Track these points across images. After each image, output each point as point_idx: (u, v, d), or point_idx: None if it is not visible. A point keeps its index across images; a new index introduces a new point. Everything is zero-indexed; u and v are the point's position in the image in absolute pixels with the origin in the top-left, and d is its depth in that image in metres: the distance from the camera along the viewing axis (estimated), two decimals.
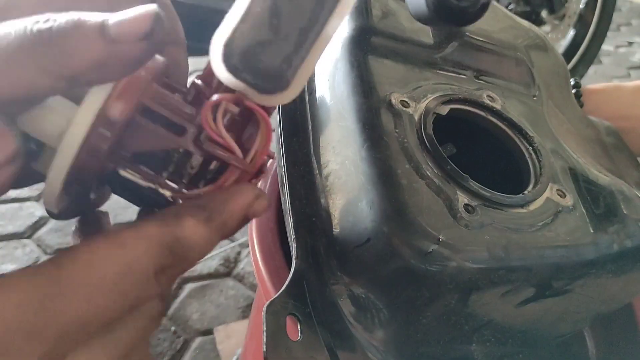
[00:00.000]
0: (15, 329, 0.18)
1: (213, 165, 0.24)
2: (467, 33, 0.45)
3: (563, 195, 0.37)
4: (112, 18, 0.20)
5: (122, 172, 0.23)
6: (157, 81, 0.23)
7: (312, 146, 0.37)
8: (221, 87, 0.22)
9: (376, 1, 0.42)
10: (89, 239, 0.20)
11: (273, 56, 0.21)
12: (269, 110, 0.23)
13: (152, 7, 0.20)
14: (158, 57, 0.23)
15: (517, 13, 1.75)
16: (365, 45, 0.40)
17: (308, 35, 0.21)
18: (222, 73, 0.21)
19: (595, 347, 0.44)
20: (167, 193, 0.24)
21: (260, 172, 0.24)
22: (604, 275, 0.36)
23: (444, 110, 0.38)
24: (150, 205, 0.25)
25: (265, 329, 0.28)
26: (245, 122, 0.24)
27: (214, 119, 0.22)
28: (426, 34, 0.44)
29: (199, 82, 0.24)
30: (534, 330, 0.39)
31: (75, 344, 0.19)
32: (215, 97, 0.22)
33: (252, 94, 0.22)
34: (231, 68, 0.21)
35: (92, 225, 0.26)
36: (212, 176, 0.24)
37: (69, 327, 0.19)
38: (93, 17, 0.20)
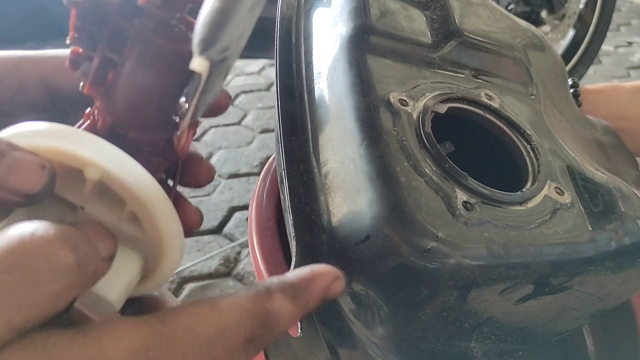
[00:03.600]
0: None
1: None
2: (465, 32, 0.45)
3: (561, 193, 0.37)
4: None
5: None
6: None
7: (311, 145, 0.37)
8: None
9: (374, 1, 0.43)
10: (188, 303, 0.22)
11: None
12: None
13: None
14: None
15: (517, 13, 1.75)
16: (363, 44, 0.40)
17: None
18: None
19: (594, 344, 0.45)
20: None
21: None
22: (602, 272, 0.36)
23: (442, 108, 0.38)
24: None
25: None
26: None
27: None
28: (424, 34, 0.44)
29: None
30: (533, 327, 0.39)
31: None
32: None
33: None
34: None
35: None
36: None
37: None
38: None
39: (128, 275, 0.23)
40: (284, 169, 0.36)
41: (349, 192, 0.34)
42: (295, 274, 0.25)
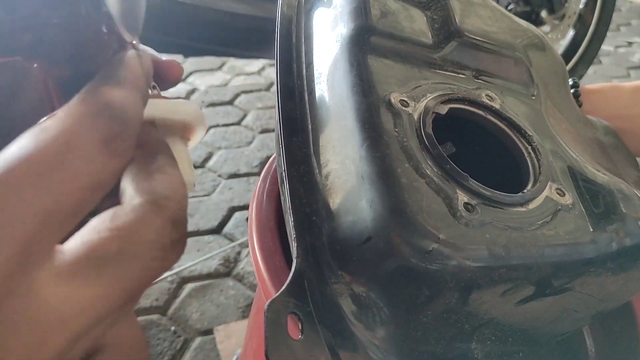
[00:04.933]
0: None
1: None
2: (466, 33, 0.45)
3: (562, 194, 0.37)
4: None
5: None
6: None
7: (312, 145, 0.37)
8: None
9: (375, 1, 0.42)
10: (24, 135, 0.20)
11: None
12: None
13: None
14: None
15: (516, 13, 1.75)
16: (364, 44, 0.40)
17: None
18: None
19: (594, 345, 0.44)
20: None
21: None
22: (604, 273, 0.36)
23: (443, 109, 0.38)
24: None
25: (266, 327, 0.28)
26: None
27: None
28: (425, 34, 0.44)
29: None
30: (534, 328, 0.39)
31: (58, 229, 0.20)
32: None
33: None
34: None
35: None
36: None
37: (45, 216, 0.19)
38: None
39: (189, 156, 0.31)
40: (284, 170, 0.36)
41: (349, 193, 0.33)
42: (110, 64, 0.25)
